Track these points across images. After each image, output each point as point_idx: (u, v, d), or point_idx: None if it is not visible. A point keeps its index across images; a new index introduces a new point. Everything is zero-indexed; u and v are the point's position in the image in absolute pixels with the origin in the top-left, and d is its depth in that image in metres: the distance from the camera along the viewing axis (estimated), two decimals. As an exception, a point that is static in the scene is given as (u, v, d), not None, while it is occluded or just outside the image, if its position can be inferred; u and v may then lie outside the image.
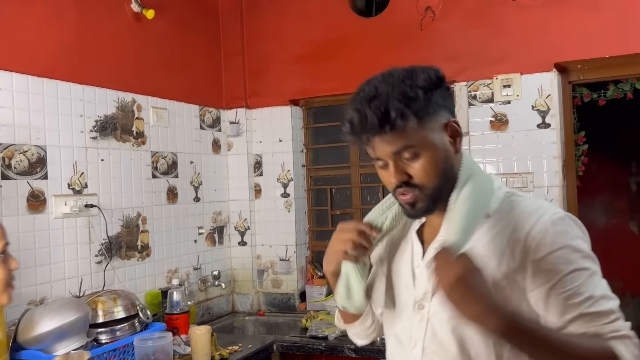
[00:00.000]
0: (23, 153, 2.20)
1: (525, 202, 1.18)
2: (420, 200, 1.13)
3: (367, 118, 1.08)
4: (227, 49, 3.43)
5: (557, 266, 1.08)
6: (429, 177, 1.12)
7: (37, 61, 2.28)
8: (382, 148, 1.11)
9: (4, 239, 1.23)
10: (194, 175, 3.13)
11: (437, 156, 1.12)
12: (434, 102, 1.12)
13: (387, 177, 1.15)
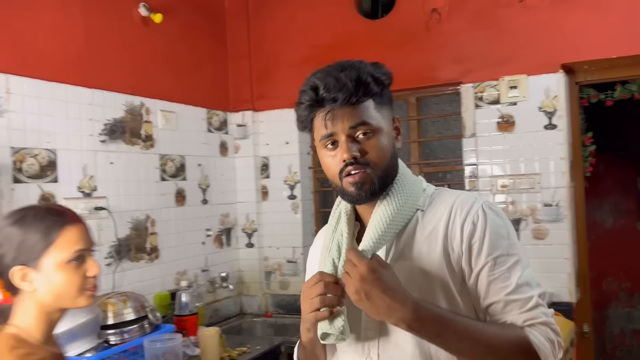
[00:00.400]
0: (34, 157, 2.22)
1: (454, 193, 1.23)
2: (368, 180, 1.14)
3: (341, 82, 1.11)
4: (233, 52, 3.45)
5: (484, 252, 1.13)
6: (381, 157, 1.15)
7: (47, 66, 2.31)
8: (340, 121, 1.12)
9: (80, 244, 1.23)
10: (201, 177, 3.15)
11: (387, 142, 1.17)
12: (389, 95, 1.20)
13: (337, 157, 1.14)
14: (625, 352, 4.24)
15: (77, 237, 1.23)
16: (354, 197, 1.16)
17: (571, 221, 2.74)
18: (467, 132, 2.92)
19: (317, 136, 1.18)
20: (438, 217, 1.18)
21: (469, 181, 2.92)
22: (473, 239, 1.14)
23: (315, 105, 1.15)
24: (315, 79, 1.15)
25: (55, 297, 1.21)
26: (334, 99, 1.12)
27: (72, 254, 1.21)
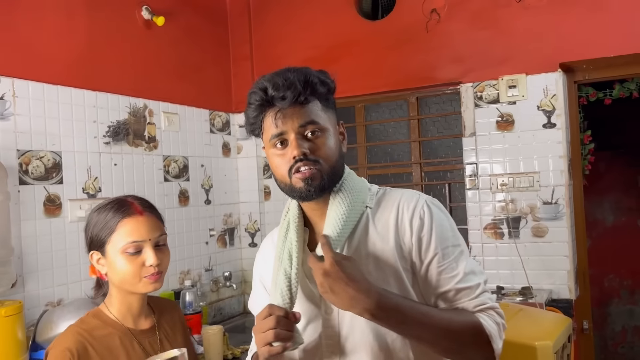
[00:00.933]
0: (39, 159, 2.26)
1: (399, 191, 1.28)
2: (317, 176, 1.17)
3: (289, 81, 1.17)
4: (235, 54, 3.49)
5: (433, 244, 1.20)
6: (329, 155, 1.19)
7: (51, 69, 2.35)
8: (290, 120, 1.17)
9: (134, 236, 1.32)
10: (204, 178, 3.19)
11: (334, 141, 1.22)
12: (333, 101, 1.27)
13: (287, 155, 1.18)
14: (627, 349, 4.26)
15: (132, 229, 1.32)
16: (303, 193, 1.19)
17: (570, 219, 2.77)
18: (467, 131, 2.95)
19: (267, 137, 1.21)
20: (387, 214, 1.24)
21: (469, 180, 2.95)
22: (422, 232, 1.20)
23: (265, 105, 1.19)
24: (264, 81, 1.20)
25: (120, 282, 1.34)
26: (283, 97, 1.17)
27: (125, 245, 1.31)
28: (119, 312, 1.37)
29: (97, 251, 1.36)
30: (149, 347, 1.38)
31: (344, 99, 3.34)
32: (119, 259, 1.31)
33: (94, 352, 1.30)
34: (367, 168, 3.39)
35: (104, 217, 1.34)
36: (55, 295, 2.28)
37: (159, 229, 1.37)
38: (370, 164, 3.38)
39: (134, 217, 1.33)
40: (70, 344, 1.28)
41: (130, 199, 1.39)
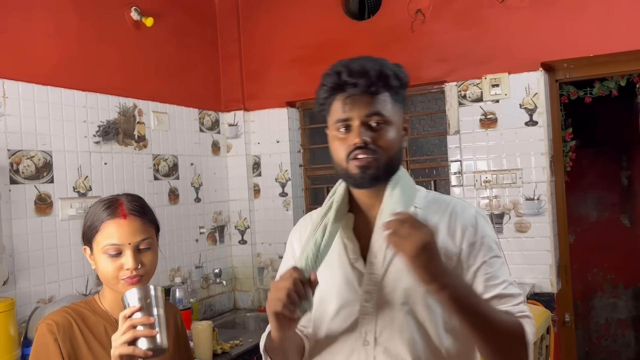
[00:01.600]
0: (30, 158, 2.30)
1: (449, 198, 1.35)
2: (373, 165, 1.21)
3: (364, 69, 1.20)
4: (224, 53, 3.53)
5: (482, 252, 1.25)
6: (389, 146, 1.23)
7: (41, 70, 2.38)
8: (358, 107, 1.21)
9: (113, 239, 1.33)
10: (194, 176, 3.23)
11: (396, 135, 1.25)
12: (404, 95, 1.29)
13: (348, 140, 1.22)
14: (610, 341, 4.35)
15: (112, 232, 1.33)
16: (357, 179, 1.23)
17: (552, 214, 2.83)
18: (452, 129, 3.01)
19: (332, 119, 1.25)
20: (437, 217, 1.28)
21: (454, 177, 3.01)
22: (473, 240, 1.26)
23: (337, 89, 1.23)
24: (340, 65, 1.23)
25: (102, 278, 1.37)
26: (355, 84, 1.20)
27: (105, 247, 1.33)
28: (109, 305, 1.40)
29: (87, 247, 1.40)
30: None
31: (332, 97, 3.39)
32: (101, 258, 1.34)
33: (79, 330, 1.34)
34: (355, 166, 3.43)
35: (93, 215, 1.37)
36: (47, 292, 2.32)
37: (142, 234, 1.36)
38: (357, 162, 3.43)
39: (116, 220, 1.34)
40: (57, 318, 1.33)
41: (122, 198, 1.39)
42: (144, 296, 1.24)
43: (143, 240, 1.36)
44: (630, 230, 4.28)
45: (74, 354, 1.31)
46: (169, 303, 1.57)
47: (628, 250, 4.23)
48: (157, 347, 1.20)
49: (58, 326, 1.32)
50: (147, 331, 1.20)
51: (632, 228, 4.28)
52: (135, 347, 1.19)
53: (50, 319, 1.33)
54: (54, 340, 1.30)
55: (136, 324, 1.20)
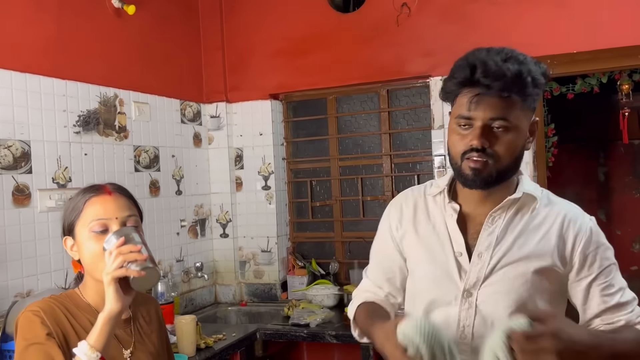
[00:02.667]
0: (7, 148, 2.23)
1: (565, 202, 1.34)
2: (488, 169, 1.19)
3: (501, 71, 1.14)
4: (207, 43, 3.47)
5: (598, 262, 1.26)
6: (507, 153, 1.19)
7: (19, 57, 2.31)
8: (484, 108, 1.16)
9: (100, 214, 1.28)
10: (175, 168, 3.18)
11: (519, 141, 1.22)
12: (537, 96, 1.22)
13: (467, 139, 1.19)
14: (586, 335, 4.42)
15: (98, 208, 1.27)
16: (468, 181, 1.23)
17: (534, 209, 2.86)
18: (436, 123, 3.01)
19: (455, 112, 1.22)
20: (552, 219, 1.27)
21: (437, 172, 3.02)
22: (588, 249, 1.26)
23: (467, 84, 1.18)
24: (475, 59, 1.17)
25: (89, 267, 1.29)
26: (489, 86, 1.15)
27: (91, 224, 1.26)
28: (92, 298, 1.32)
29: (69, 236, 1.32)
30: (121, 335, 1.33)
31: (315, 90, 3.38)
32: (86, 239, 1.26)
33: (65, 317, 1.26)
34: (339, 159, 3.43)
35: (74, 201, 1.31)
36: (25, 286, 2.26)
37: (128, 209, 1.31)
38: (341, 155, 3.42)
39: (102, 196, 1.29)
40: (42, 306, 1.25)
41: (103, 184, 1.34)
42: (124, 234, 1.23)
43: (130, 216, 1.30)
44: (607, 225, 4.35)
45: (63, 335, 1.23)
46: (149, 296, 1.54)
47: (604, 245, 4.31)
48: (149, 266, 1.20)
49: (45, 311, 1.23)
50: (136, 255, 1.19)
51: (609, 223, 4.36)
52: (127, 268, 1.17)
53: (35, 306, 1.25)
54: (40, 322, 1.21)
55: (124, 251, 1.18)
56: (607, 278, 1.26)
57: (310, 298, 3.14)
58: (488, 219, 1.27)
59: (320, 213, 3.51)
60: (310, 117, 3.49)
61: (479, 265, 1.26)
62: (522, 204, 1.28)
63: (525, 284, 1.23)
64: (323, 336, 2.69)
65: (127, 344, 1.33)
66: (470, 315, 1.26)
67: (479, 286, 1.26)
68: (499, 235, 1.26)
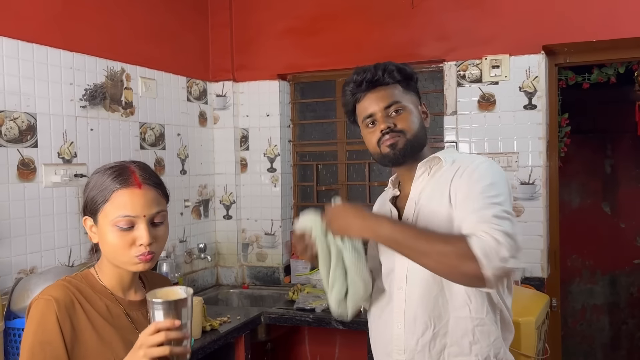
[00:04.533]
0: (13, 120, 2.15)
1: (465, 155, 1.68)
2: (401, 142, 1.46)
3: (370, 68, 1.49)
4: (214, 20, 3.39)
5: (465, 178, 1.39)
6: (410, 126, 1.48)
7: (27, 26, 2.22)
8: (376, 103, 1.48)
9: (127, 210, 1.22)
10: (180, 147, 3.11)
11: (415, 118, 1.50)
12: (415, 86, 1.55)
13: (376, 130, 1.48)
14: (585, 326, 4.43)
15: (126, 202, 1.21)
16: (390, 157, 1.48)
17: (546, 199, 2.83)
18: (449, 109, 2.96)
19: (360, 118, 1.52)
20: (452, 170, 1.45)
21: (448, 158, 2.97)
22: (465, 172, 1.40)
23: (355, 91, 1.50)
24: (353, 75, 1.51)
25: (108, 254, 1.25)
26: (363, 80, 1.48)
27: (116, 218, 1.20)
28: (108, 280, 1.28)
29: (90, 217, 1.26)
30: (137, 319, 1.30)
31: (325, 72, 3.30)
32: (110, 231, 1.21)
33: (80, 308, 1.22)
34: (346, 143, 3.37)
35: (100, 183, 1.24)
36: (28, 263, 2.20)
37: (157, 205, 1.25)
38: (348, 139, 3.36)
39: (131, 189, 1.22)
40: (58, 294, 1.20)
41: (133, 166, 1.26)
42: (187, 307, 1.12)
43: (158, 213, 1.25)
44: (611, 217, 4.34)
45: (73, 333, 1.19)
46: (164, 277, 1.49)
47: (607, 237, 4.30)
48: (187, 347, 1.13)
49: (59, 303, 1.19)
50: (183, 349, 1.11)
51: (613, 216, 4.34)
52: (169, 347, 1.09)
53: (50, 295, 1.20)
54: (55, 320, 1.17)
55: (173, 338, 1.09)
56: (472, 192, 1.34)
57: (315, 283, 3.10)
58: (412, 190, 1.51)
59: (325, 197, 3.46)
60: (319, 99, 3.43)
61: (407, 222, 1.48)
62: (434, 169, 1.49)
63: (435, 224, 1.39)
64: (329, 322, 2.65)
65: (143, 327, 1.28)
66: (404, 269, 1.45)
67: None
68: (417, 198, 1.48)
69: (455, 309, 1.40)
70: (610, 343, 4.36)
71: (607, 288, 4.35)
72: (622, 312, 4.36)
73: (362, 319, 2.61)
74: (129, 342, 1.19)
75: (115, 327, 1.25)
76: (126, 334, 1.25)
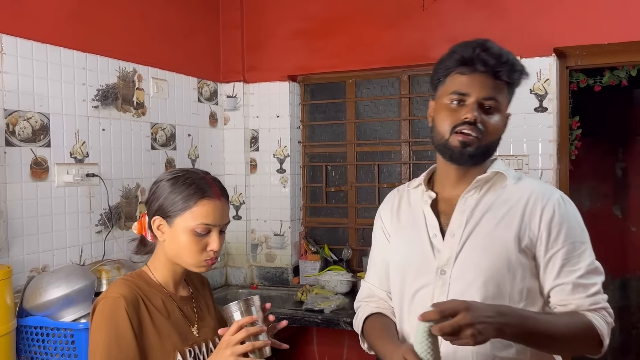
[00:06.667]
0: (27, 120, 2.17)
1: (534, 181, 1.38)
2: (475, 144, 1.28)
3: (501, 54, 1.28)
4: (225, 21, 3.40)
5: (563, 236, 1.26)
6: (493, 130, 1.30)
7: (41, 27, 2.25)
8: (480, 87, 1.27)
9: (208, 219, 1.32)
10: (191, 148, 3.13)
11: (502, 124, 1.34)
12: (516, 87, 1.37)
13: (459, 113, 1.28)
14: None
15: (208, 211, 1.31)
16: (455, 154, 1.30)
17: (556, 202, 2.81)
18: (459, 111, 2.95)
19: (448, 89, 1.31)
20: (519, 194, 1.31)
21: (458, 160, 2.96)
22: (553, 222, 1.27)
23: (466, 62, 1.29)
24: (475, 41, 1.30)
25: (175, 254, 1.34)
26: (487, 64, 1.27)
27: (197, 225, 1.30)
28: (162, 276, 1.38)
29: (161, 217, 1.34)
30: (188, 313, 1.40)
31: (335, 73, 3.31)
32: (185, 235, 1.31)
33: (144, 305, 1.31)
34: (355, 145, 3.37)
35: (181, 191, 1.32)
36: (40, 261, 2.22)
37: (227, 216, 1.38)
38: (358, 141, 3.37)
39: (214, 200, 1.33)
40: (125, 292, 1.30)
41: (209, 178, 1.37)
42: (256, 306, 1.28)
43: (227, 223, 1.38)
44: (622, 221, 4.31)
45: (140, 328, 1.28)
46: (200, 274, 1.56)
47: (618, 241, 4.27)
48: (266, 355, 1.26)
49: (127, 301, 1.28)
50: (264, 342, 1.24)
51: (624, 219, 4.31)
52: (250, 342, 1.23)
53: (118, 293, 1.29)
54: (125, 316, 1.26)
55: (253, 333, 1.22)
56: (571, 254, 1.25)
57: (323, 284, 3.11)
58: (460, 200, 1.33)
59: (334, 198, 3.46)
60: (328, 100, 3.43)
61: (451, 243, 1.30)
62: (494, 183, 1.34)
63: (492, 257, 1.26)
64: (338, 323, 2.66)
65: (192, 321, 1.40)
66: (443, 292, 1.29)
67: (452, 264, 1.29)
68: (470, 214, 1.31)
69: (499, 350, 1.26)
70: (620, 347, 4.32)
71: (617, 292, 4.31)
72: (632, 317, 4.33)
73: (371, 321, 2.62)
74: (182, 334, 1.34)
75: (171, 321, 1.35)
76: (180, 326, 1.36)
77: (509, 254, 1.26)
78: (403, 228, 1.43)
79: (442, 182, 1.39)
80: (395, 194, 1.51)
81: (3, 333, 1.76)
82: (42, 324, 1.89)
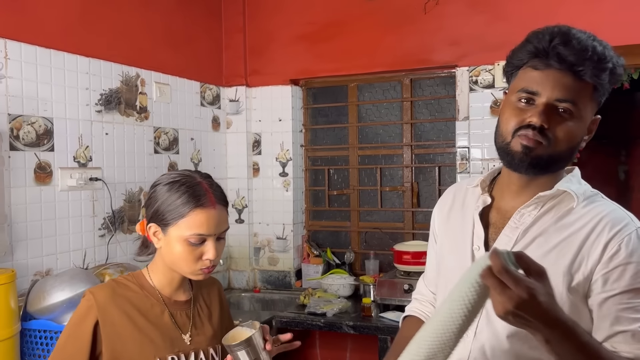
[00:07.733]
0: (31, 124, 2.19)
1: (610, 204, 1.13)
2: (540, 150, 1.07)
3: (585, 46, 1.03)
4: (228, 25, 3.42)
5: (627, 278, 1.04)
6: (565, 139, 1.07)
7: (44, 32, 2.26)
8: (553, 85, 1.05)
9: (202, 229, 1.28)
10: (194, 152, 3.14)
11: (579, 132, 1.09)
12: (608, 90, 1.11)
13: (524, 115, 1.07)
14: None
15: (202, 221, 1.26)
16: (515, 158, 1.09)
17: (558, 205, 2.81)
18: (461, 115, 2.96)
19: (518, 85, 1.11)
20: (586, 220, 1.09)
21: (459, 164, 2.97)
22: (618, 259, 1.05)
23: (541, 54, 1.07)
24: (557, 28, 1.07)
25: (171, 261, 1.31)
26: (565, 59, 1.04)
27: (190, 235, 1.26)
28: (159, 281, 1.35)
29: (157, 225, 1.30)
30: (180, 319, 1.36)
31: (337, 77, 3.32)
32: (179, 244, 1.27)
33: (123, 307, 1.29)
34: (358, 148, 3.38)
35: (175, 198, 1.27)
36: (44, 265, 2.23)
37: (225, 224, 1.32)
38: (360, 144, 3.37)
39: (207, 209, 1.27)
40: (100, 292, 1.29)
41: (205, 183, 1.31)
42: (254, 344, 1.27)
43: (224, 230, 1.33)
44: (624, 224, 4.31)
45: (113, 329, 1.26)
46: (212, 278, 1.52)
47: (621, 244, 4.26)
48: None
49: (98, 301, 1.27)
50: None
51: (626, 222, 4.31)
52: None
53: (91, 292, 1.28)
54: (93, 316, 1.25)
55: None
56: (633, 300, 1.03)
57: (326, 287, 3.11)
58: (516, 215, 1.14)
59: (337, 202, 3.47)
60: (331, 104, 3.44)
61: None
62: (558, 202, 1.13)
63: None
64: (340, 326, 2.66)
65: (185, 328, 1.36)
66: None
67: None
68: (522, 233, 1.13)
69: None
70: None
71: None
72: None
73: (372, 324, 2.63)
74: (169, 341, 1.31)
75: (157, 325, 1.31)
76: (167, 332, 1.32)
77: (558, 287, 1.04)
78: (450, 231, 1.29)
79: (502, 188, 1.20)
80: (451, 192, 1.34)
81: (7, 336, 1.77)
82: (45, 327, 1.89)
